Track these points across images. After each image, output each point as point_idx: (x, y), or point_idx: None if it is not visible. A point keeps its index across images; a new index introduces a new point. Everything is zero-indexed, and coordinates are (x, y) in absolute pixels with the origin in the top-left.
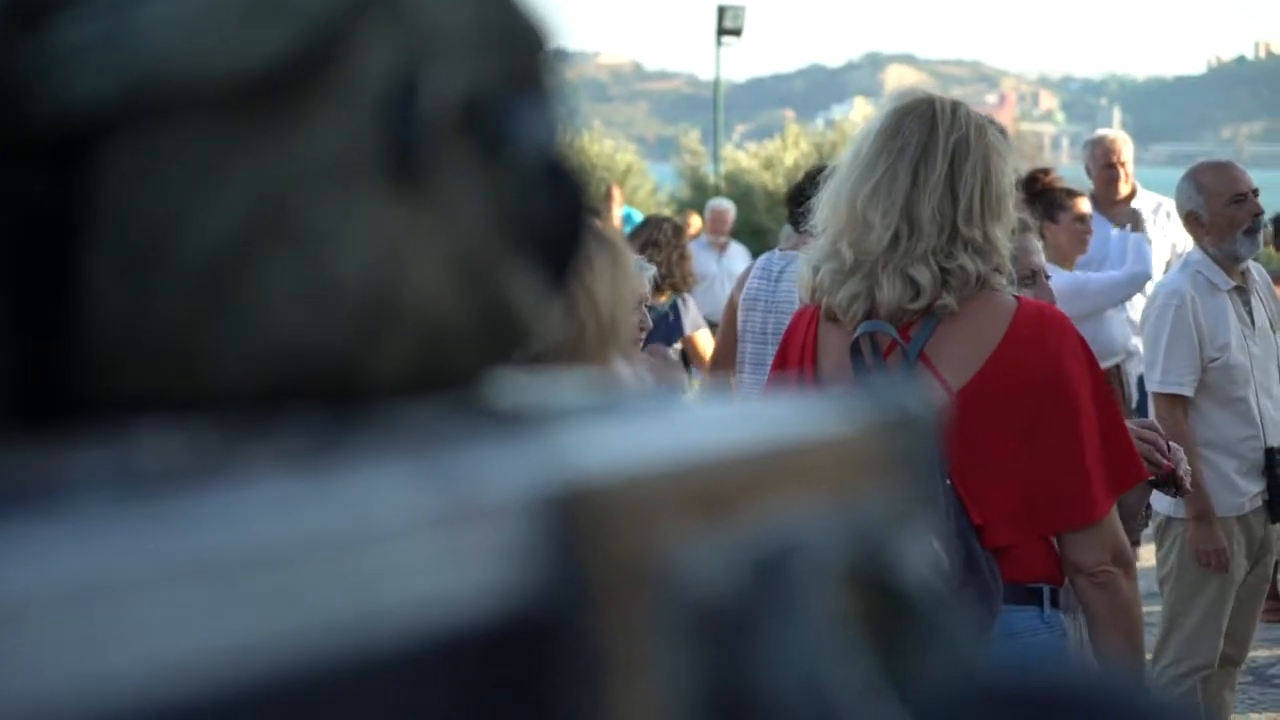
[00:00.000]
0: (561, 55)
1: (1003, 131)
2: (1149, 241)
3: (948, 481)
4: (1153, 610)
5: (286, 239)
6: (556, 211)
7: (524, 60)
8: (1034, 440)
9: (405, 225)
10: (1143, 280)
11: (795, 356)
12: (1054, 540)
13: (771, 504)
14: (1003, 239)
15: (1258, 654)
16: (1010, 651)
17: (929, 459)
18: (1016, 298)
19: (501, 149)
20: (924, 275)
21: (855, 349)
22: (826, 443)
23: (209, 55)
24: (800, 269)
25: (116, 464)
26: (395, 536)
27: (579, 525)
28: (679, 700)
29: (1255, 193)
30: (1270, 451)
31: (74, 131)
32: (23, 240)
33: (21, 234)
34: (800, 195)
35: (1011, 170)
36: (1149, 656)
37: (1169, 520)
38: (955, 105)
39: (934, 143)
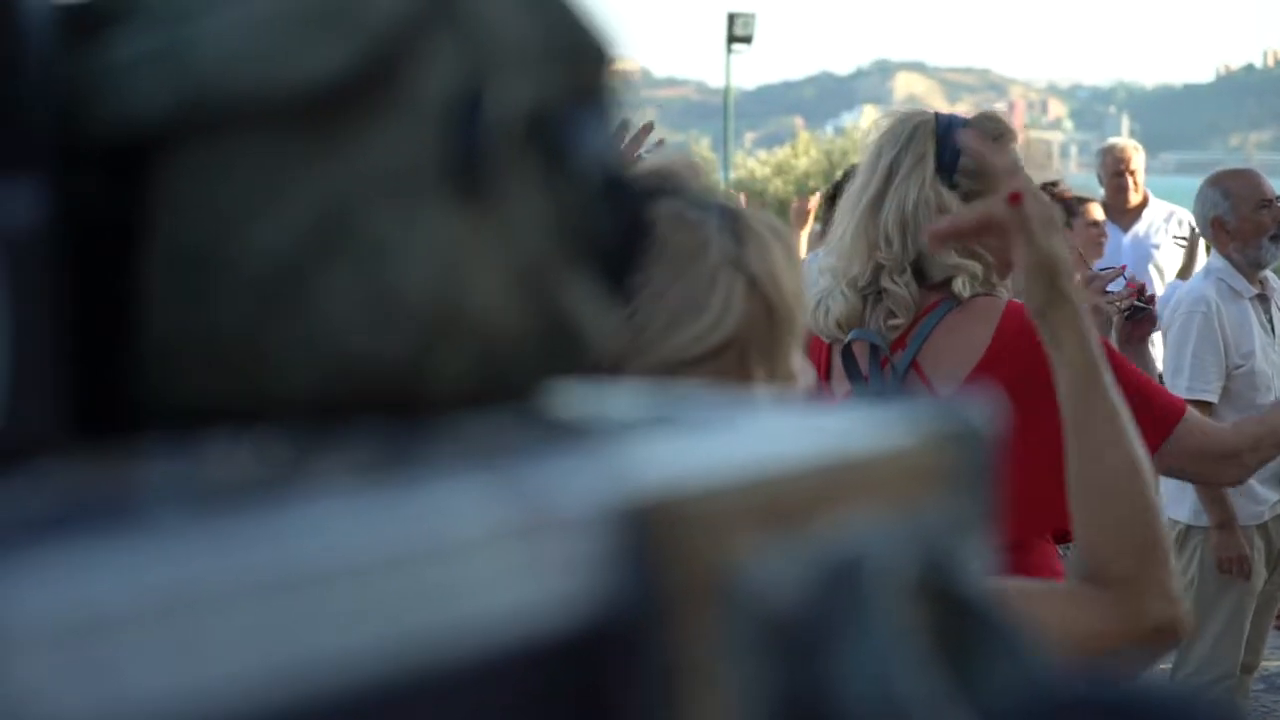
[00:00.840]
0: (622, 68)
1: (998, 132)
2: None
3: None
4: None
5: (349, 250)
6: (617, 224)
7: (586, 73)
8: (1023, 441)
9: (468, 237)
10: None
11: (821, 371)
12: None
13: (840, 515)
14: (943, 252)
15: (1270, 663)
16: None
17: (986, 471)
18: (1011, 305)
19: (564, 161)
20: (837, 303)
21: (849, 359)
22: (891, 454)
23: (270, 67)
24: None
25: (186, 476)
26: (471, 549)
27: (652, 537)
28: (752, 712)
29: (1278, 199)
30: None
31: (133, 143)
32: (83, 251)
33: (82, 245)
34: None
35: (932, 178)
36: (1168, 667)
37: (1189, 529)
38: (907, 122)
39: (876, 165)
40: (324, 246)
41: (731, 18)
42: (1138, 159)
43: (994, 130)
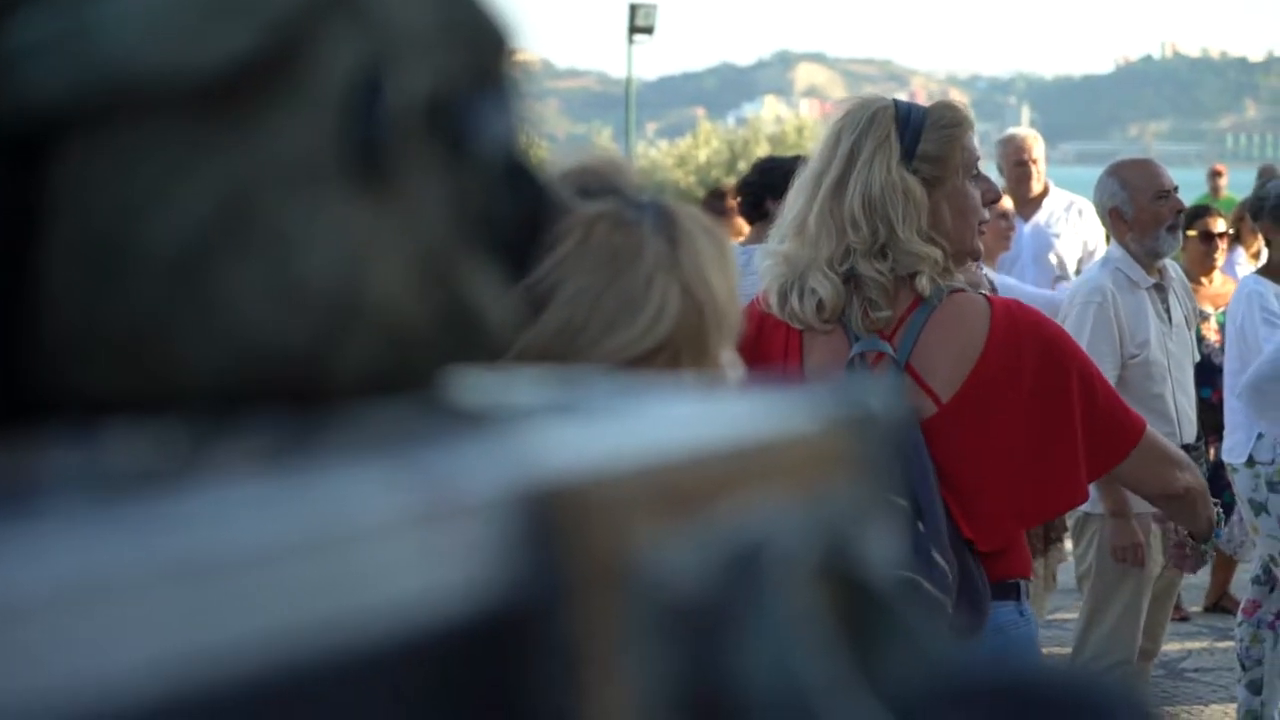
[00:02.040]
0: (522, 55)
1: (956, 120)
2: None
3: (938, 495)
4: (1070, 610)
5: (251, 238)
6: (518, 210)
7: (486, 60)
8: (1025, 441)
9: (369, 224)
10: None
11: (778, 357)
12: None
13: (742, 501)
14: (908, 235)
15: (1170, 648)
16: (993, 646)
17: (893, 456)
18: (986, 297)
19: (464, 148)
20: (824, 287)
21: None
22: (794, 440)
23: (171, 54)
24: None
25: (89, 466)
26: (373, 536)
27: (554, 524)
28: (654, 696)
29: (1176, 190)
30: (1186, 448)
31: (34, 129)
32: None
33: None
34: (749, 188)
35: (897, 163)
36: (1067, 651)
37: (1086, 516)
38: (867, 108)
39: (834, 151)
40: (226, 234)
41: (633, 8)
42: (1038, 148)
43: (952, 119)
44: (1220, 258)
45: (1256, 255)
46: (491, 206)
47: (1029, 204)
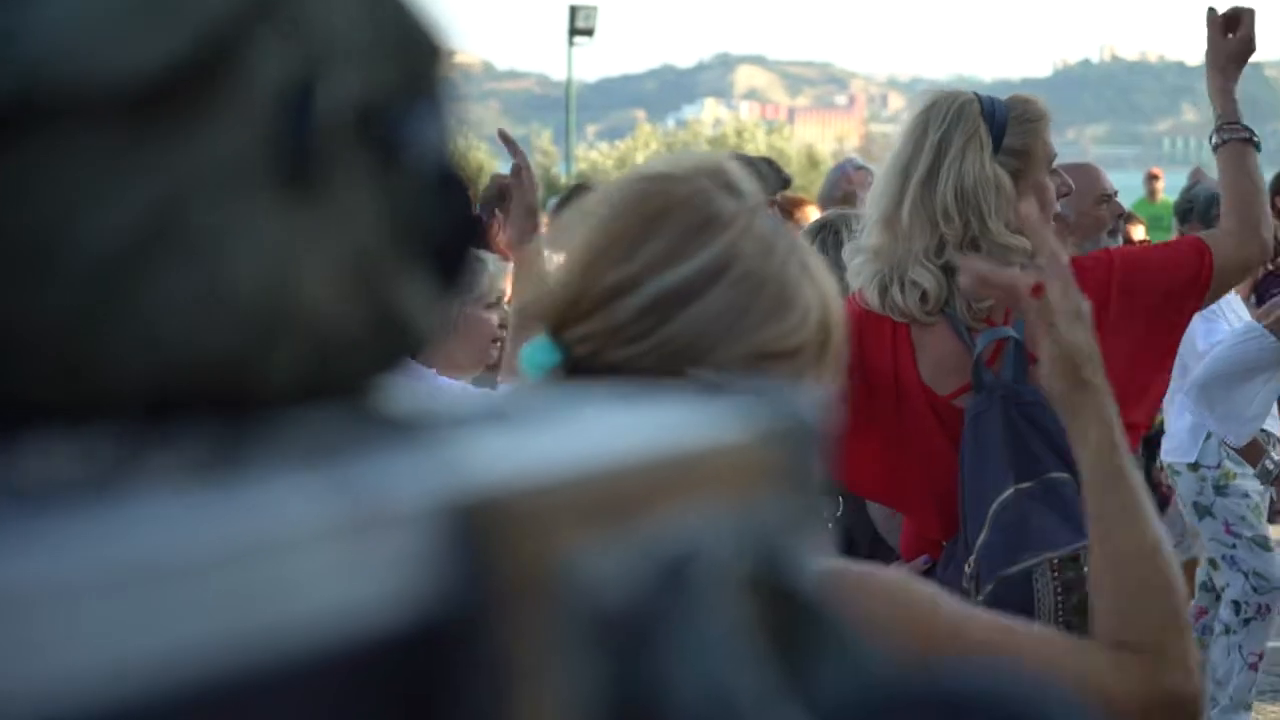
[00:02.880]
0: (454, 62)
1: (1038, 115)
2: None
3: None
4: None
5: (180, 244)
6: (448, 218)
7: (418, 66)
8: (1133, 373)
9: (299, 231)
10: None
11: (885, 351)
12: None
13: (671, 510)
14: (998, 228)
15: None
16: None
17: (816, 466)
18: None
19: (396, 155)
20: (925, 279)
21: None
22: (724, 450)
23: (101, 60)
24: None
25: (11, 475)
26: (299, 546)
27: (482, 533)
28: (582, 707)
29: (1116, 194)
30: None
31: None
32: None
33: None
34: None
35: (990, 157)
36: None
37: None
38: (952, 101)
39: (922, 143)
40: (156, 240)
41: (573, 10)
42: None
43: (1035, 113)
44: None
45: None
46: (422, 214)
47: None
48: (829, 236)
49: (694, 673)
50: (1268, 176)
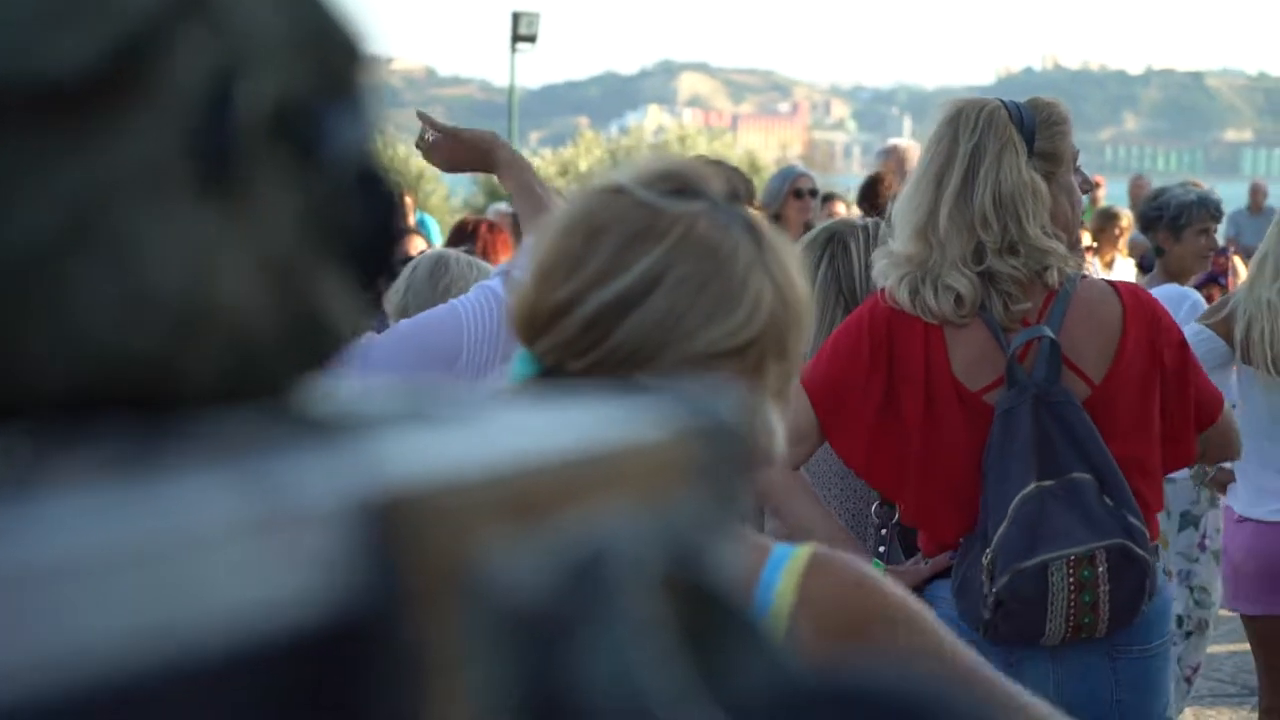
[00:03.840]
0: (375, 62)
1: (1062, 117)
2: None
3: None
4: None
5: (98, 245)
6: (369, 219)
7: (338, 67)
8: (1161, 409)
9: (217, 232)
10: None
11: (918, 351)
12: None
13: (587, 510)
14: (1035, 232)
15: None
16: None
17: (738, 464)
18: (1108, 281)
19: (315, 156)
20: (961, 283)
21: (999, 346)
22: (641, 449)
23: (18, 60)
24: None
25: None
26: (211, 545)
27: (395, 532)
28: (495, 705)
29: None
30: None
31: None
32: None
33: None
34: None
35: (1025, 163)
36: None
37: None
38: (981, 109)
39: (954, 151)
40: (74, 241)
41: (515, 17)
42: (912, 160)
43: (1060, 116)
44: (1086, 269)
45: (1110, 264)
46: (343, 215)
47: None
48: (837, 248)
49: (607, 671)
50: (1211, 183)
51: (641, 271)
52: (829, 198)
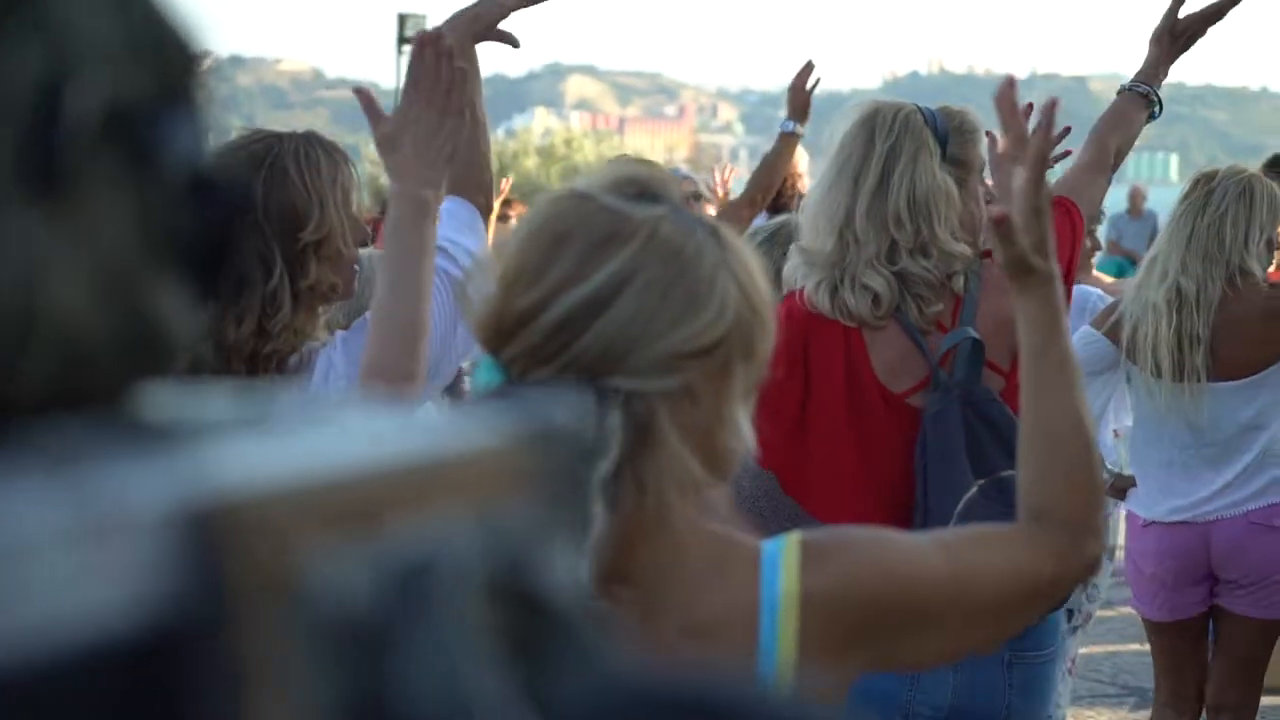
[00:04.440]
0: (212, 67)
1: (973, 127)
2: None
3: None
4: None
5: None
6: (205, 225)
7: (172, 72)
8: None
9: (47, 236)
10: None
11: (838, 354)
12: None
13: (415, 517)
14: (945, 235)
15: None
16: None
17: (576, 472)
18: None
19: (149, 161)
20: (877, 282)
21: (920, 347)
22: (473, 455)
23: None
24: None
25: None
26: (32, 551)
27: (218, 540)
28: (318, 713)
29: None
30: None
31: None
32: None
33: None
34: None
35: (939, 166)
36: None
37: None
38: (897, 111)
39: (869, 151)
40: None
41: (402, 19)
42: (803, 163)
43: (973, 124)
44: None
45: None
46: (177, 221)
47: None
48: (785, 242)
49: (431, 680)
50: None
51: (608, 275)
52: (697, 197)
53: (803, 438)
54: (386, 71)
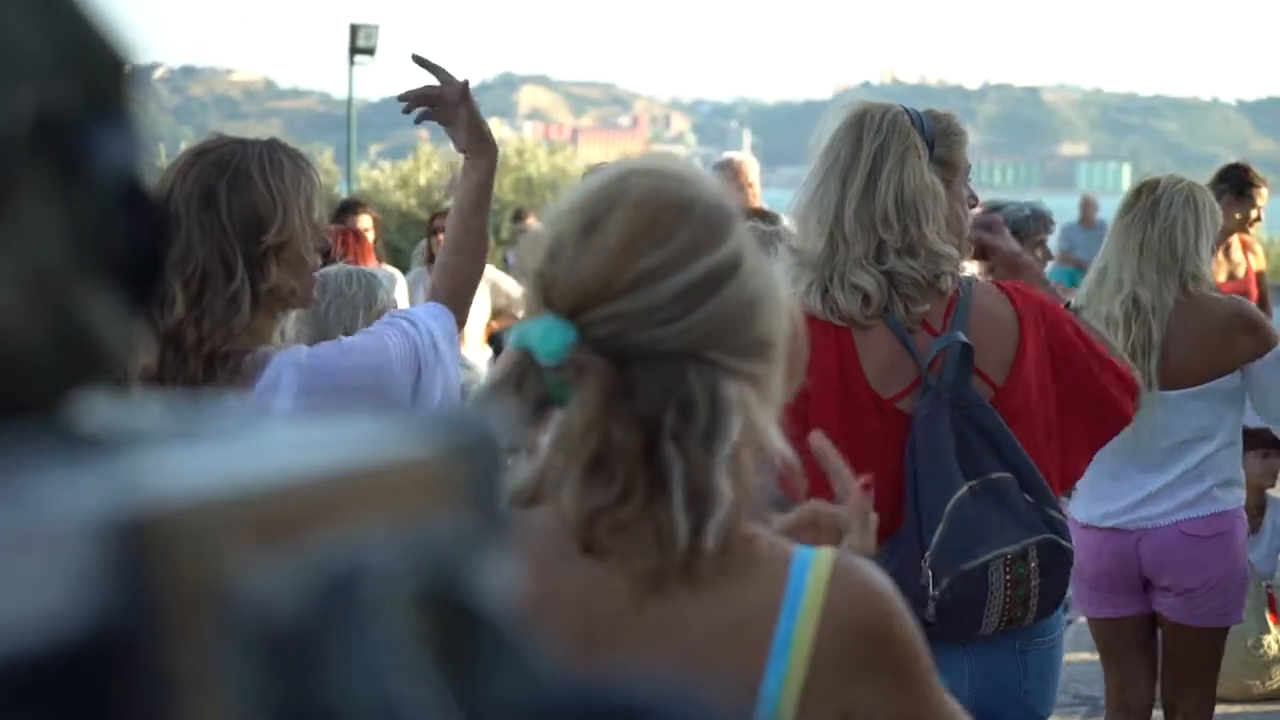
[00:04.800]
0: (163, 77)
1: (959, 129)
2: None
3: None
4: None
5: None
6: (136, 235)
7: (104, 84)
8: (1063, 404)
9: None
10: None
11: (831, 354)
12: None
13: (342, 527)
14: (932, 236)
15: None
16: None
17: (500, 483)
18: (994, 282)
19: (79, 171)
20: (866, 281)
21: (909, 350)
22: (401, 467)
23: None
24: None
25: None
26: None
27: (145, 549)
28: None
29: None
30: None
31: None
32: None
33: None
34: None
35: (927, 167)
36: None
37: None
38: (885, 112)
39: (857, 151)
40: None
41: (354, 29)
42: (754, 172)
43: (959, 127)
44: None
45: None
46: (108, 231)
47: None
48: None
49: (360, 689)
50: (1049, 199)
51: (726, 253)
52: None
53: (797, 438)
54: (339, 81)
